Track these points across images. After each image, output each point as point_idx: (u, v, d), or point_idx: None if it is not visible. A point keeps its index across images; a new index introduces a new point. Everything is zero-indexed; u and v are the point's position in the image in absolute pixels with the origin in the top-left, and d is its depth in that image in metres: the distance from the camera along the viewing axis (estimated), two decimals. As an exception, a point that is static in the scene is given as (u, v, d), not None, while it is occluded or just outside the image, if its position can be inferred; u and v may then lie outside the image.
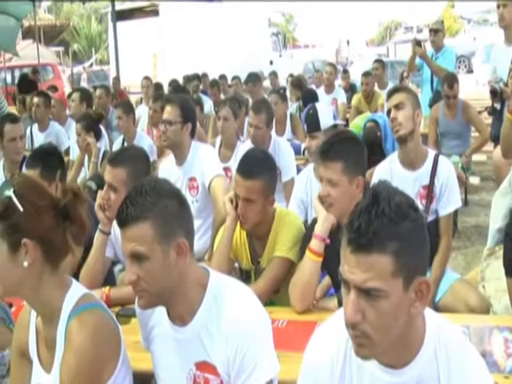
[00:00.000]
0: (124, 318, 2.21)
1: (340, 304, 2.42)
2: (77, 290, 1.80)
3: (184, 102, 3.93)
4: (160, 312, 1.82)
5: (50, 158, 3.29)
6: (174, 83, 9.17)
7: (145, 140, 5.63)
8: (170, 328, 1.79)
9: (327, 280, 2.90)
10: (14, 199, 1.70)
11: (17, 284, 1.73)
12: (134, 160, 2.92)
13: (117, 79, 11.33)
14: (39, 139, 6.20)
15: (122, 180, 2.81)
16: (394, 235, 1.31)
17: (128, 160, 2.89)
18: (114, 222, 2.08)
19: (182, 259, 1.70)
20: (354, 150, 2.61)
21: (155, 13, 21.53)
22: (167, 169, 3.93)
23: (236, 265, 2.99)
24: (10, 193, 1.71)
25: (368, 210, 1.33)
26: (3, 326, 2.14)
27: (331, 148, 2.56)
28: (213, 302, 1.73)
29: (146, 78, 9.18)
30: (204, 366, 1.73)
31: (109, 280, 2.93)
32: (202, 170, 3.82)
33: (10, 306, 2.31)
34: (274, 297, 2.70)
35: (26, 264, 1.70)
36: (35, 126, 6.44)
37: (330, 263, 2.52)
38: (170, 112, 3.82)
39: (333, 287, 2.81)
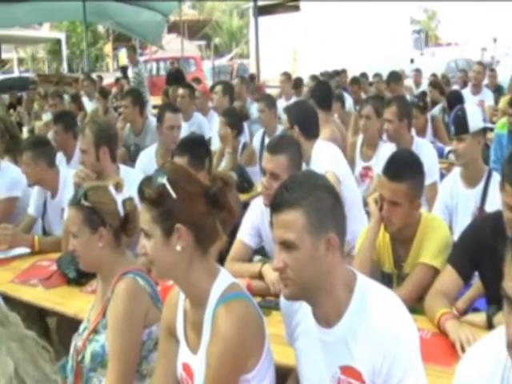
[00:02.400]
0: (265, 310, 2.22)
1: (489, 322, 2.29)
2: (225, 278, 1.83)
3: None
4: (305, 309, 1.80)
5: (198, 147, 3.38)
6: (315, 79, 9.17)
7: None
8: (316, 328, 1.76)
9: (472, 292, 2.76)
10: (168, 186, 1.77)
11: (170, 267, 1.80)
12: (292, 147, 2.95)
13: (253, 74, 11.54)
14: (183, 129, 6.39)
15: (283, 166, 2.83)
16: None
17: (287, 147, 2.92)
18: None
19: (330, 255, 1.67)
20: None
21: (296, 8, 21.64)
22: None
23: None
24: (163, 180, 1.78)
25: None
26: (151, 304, 2.23)
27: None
28: (360, 306, 1.69)
29: (284, 73, 9.23)
30: (349, 371, 1.69)
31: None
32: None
33: (156, 284, 2.40)
34: (416, 304, 2.61)
35: (178, 248, 1.76)
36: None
37: (488, 276, 2.39)
38: None
39: (485, 302, 2.65)
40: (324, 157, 3.73)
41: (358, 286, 1.72)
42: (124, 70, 10.20)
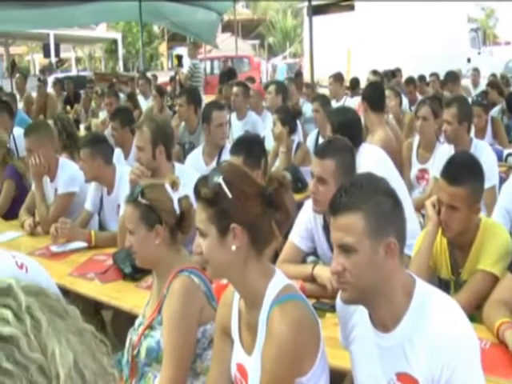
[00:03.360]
0: (319, 312, 2.21)
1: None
2: (280, 280, 1.82)
3: None
4: (361, 313, 1.78)
5: (253, 147, 3.39)
6: (376, 74, 9.04)
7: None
8: (372, 332, 1.74)
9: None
10: (224, 186, 1.77)
11: (225, 267, 1.81)
12: (341, 151, 2.89)
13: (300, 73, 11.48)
14: (237, 127, 6.45)
15: (330, 171, 2.79)
16: None
17: (336, 151, 2.86)
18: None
19: (390, 260, 1.65)
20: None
21: (351, 7, 21.45)
22: None
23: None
24: (219, 180, 1.78)
25: None
26: (206, 302, 2.24)
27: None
28: (419, 312, 1.65)
29: (333, 75, 8.99)
30: (406, 379, 1.66)
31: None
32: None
33: (210, 282, 2.41)
34: (474, 313, 2.54)
35: (234, 248, 1.76)
36: (233, 115, 6.71)
37: None
38: None
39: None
40: (368, 161, 3.68)
41: (417, 291, 1.69)
42: (179, 58, 10.24)
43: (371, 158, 3.74)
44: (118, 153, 4.99)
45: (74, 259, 3.56)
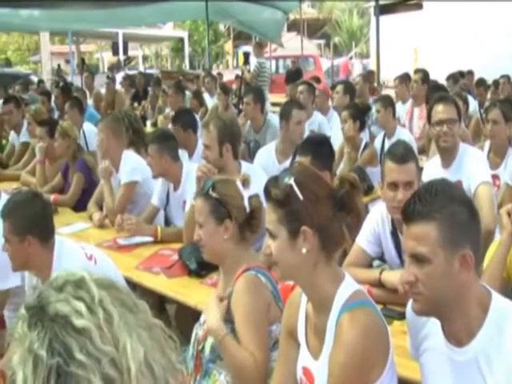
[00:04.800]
0: (387, 319, 2.16)
1: None
2: (350, 285, 1.79)
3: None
4: (434, 324, 1.72)
5: (321, 147, 3.36)
6: (452, 78, 8.84)
7: (405, 135, 5.50)
8: (445, 345, 1.68)
9: None
10: (295, 187, 1.75)
11: (294, 269, 1.79)
12: (414, 153, 2.85)
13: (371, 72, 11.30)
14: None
15: (415, 173, 2.73)
16: None
17: (412, 153, 2.82)
18: None
19: (465, 272, 1.58)
20: None
21: (419, 6, 21.04)
22: (431, 173, 3.74)
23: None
24: (290, 181, 1.76)
25: None
26: (273, 301, 2.24)
27: None
28: (495, 327, 1.59)
29: (398, 77, 8.76)
30: None
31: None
32: (469, 173, 3.59)
33: (276, 283, 2.40)
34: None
35: (304, 251, 1.74)
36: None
37: None
38: (445, 111, 3.65)
39: None
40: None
41: (493, 305, 1.62)
42: (246, 56, 10.27)
43: (480, 159, 3.72)
44: (181, 153, 5.05)
45: (140, 253, 3.62)
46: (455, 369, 1.65)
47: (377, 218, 2.95)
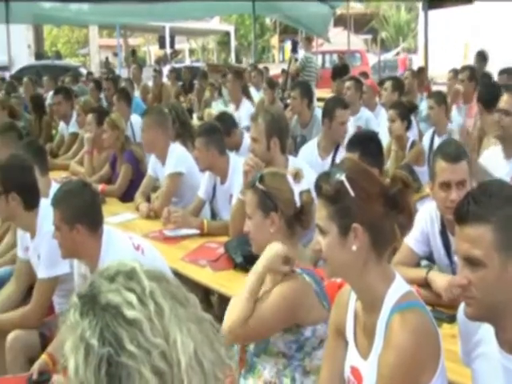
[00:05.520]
0: (436, 322, 2.11)
1: None
2: (400, 285, 1.76)
3: None
4: (487, 329, 1.67)
5: (370, 143, 3.32)
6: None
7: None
8: (499, 353, 1.63)
9: None
10: (346, 183, 1.72)
11: (343, 267, 1.76)
12: (465, 150, 2.79)
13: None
14: (349, 123, 6.32)
15: (467, 172, 2.68)
16: None
17: (464, 151, 2.76)
18: None
19: None
20: None
21: (469, 0, 20.61)
22: (492, 163, 3.63)
23: None
24: (341, 177, 1.73)
25: None
26: (317, 301, 2.22)
27: None
28: None
29: (453, 70, 8.70)
30: None
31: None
32: None
33: (321, 279, 2.38)
34: None
35: (354, 248, 1.71)
36: (346, 111, 6.59)
37: None
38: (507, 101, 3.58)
39: None
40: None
41: None
42: (295, 44, 10.23)
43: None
44: None
45: (186, 245, 3.64)
46: (509, 377, 1.61)
47: (426, 217, 2.89)
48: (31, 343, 3.07)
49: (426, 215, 2.90)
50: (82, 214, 2.71)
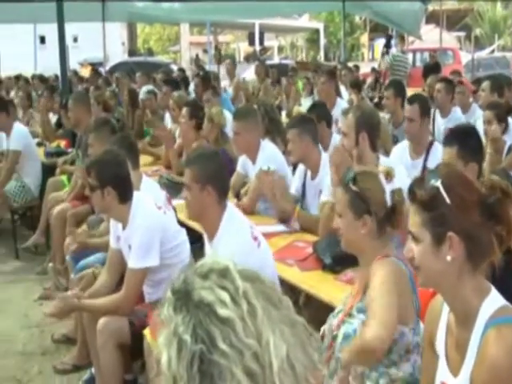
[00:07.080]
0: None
1: None
2: (496, 299, 1.67)
3: None
4: None
5: (468, 137, 3.21)
6: None
7: None
8: None
9: None
10: (442, 190, 1.66)
11: (436, 277, 1.71)
12: None
13: None
14: (440, 126, 6.15)
15: None
16: None
17: None
18: None
19: None
20: None
21: None
22: None
23: None
24: (437, 183, 1.67)
25: None
26: (410, 291, 2.20)
27: None
28: None
29: None
30: None
31: None
32: None
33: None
34: None
35: (448, 258, 1.65)
36: (437, 112, 6.41)
37: None
38: None
39: None
40: None
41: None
42: (389, 39, 10.09)
43: None
44: None
45: (274, 242, 3.63)
46: None
47: None
48: (121, 330, 3.18)
49: None
50: (213, 176, 2.81)
